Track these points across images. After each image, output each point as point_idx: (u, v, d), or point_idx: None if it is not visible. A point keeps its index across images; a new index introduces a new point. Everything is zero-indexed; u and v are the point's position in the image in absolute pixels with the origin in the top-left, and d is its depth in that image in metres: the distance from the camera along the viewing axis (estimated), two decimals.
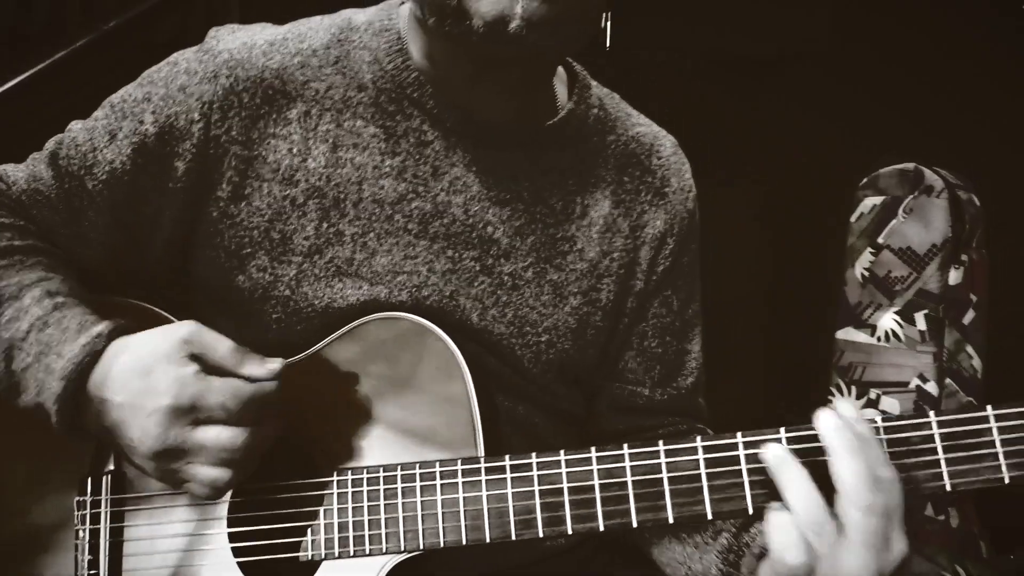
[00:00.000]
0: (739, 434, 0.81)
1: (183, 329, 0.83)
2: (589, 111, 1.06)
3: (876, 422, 0.78)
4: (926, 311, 1.99)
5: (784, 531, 0.75)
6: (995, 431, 0.76)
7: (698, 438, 0.82)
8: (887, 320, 2.05)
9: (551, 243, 1.02)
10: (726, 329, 2.79)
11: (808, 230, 2.90)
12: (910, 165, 2.06)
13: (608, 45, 3.24)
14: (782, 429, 0.79)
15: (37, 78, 2.12)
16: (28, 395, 0.86)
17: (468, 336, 0.98)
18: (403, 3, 1.01)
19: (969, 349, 2.02)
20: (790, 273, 3.07)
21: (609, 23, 3.22)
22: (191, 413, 0.80)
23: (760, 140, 3.45)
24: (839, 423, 0.75)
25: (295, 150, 0.95)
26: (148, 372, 0.81)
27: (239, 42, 0.96)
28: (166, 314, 0.97)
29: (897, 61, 2.96)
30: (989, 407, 0.77)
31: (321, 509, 0.89)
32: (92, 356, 0.84)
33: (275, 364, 0.84)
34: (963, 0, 2.76)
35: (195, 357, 0.82)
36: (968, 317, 2.02)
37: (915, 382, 2.00)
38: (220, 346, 0.83)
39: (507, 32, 0.82)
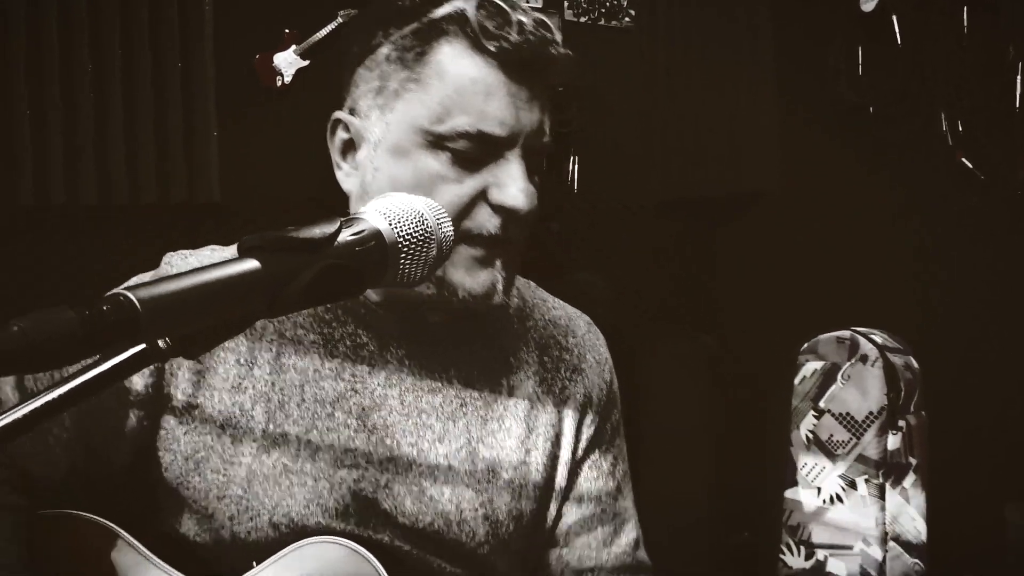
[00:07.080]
0: None
1: None
2: (509, 302, 1.15)
3: None
4: (866, 476, 2.06)
5: None
6: None
7: None
8: (831, 483, 2.12)
9: (482, 424, 1.10)
10: (676, 481, 2.84)
11: (758, 385, 2.99)
12: (846, 333, 2.17)
13: (576, 188, 3.42)
14: None
15: None
16: None
17: (398, 531, 1.04)
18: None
19: (911, 511, 2.09)
20: (739, 429, 3.15)
21: (577, 167, 3.41)
22: None
23: (716, 285, 3.58)
24: None
25: (242, 360, 1.03)
26: None
27: (190, 266, 1.04)
28: (116, 527, 1.01)
29: (843, 210, 3.11)
30: None
31: None
32: None
33: None
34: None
35: None
36: (909, 480, 2.09)
37: (859, 546, 2.06)
38: None
39: (490, 303, 1.00)
